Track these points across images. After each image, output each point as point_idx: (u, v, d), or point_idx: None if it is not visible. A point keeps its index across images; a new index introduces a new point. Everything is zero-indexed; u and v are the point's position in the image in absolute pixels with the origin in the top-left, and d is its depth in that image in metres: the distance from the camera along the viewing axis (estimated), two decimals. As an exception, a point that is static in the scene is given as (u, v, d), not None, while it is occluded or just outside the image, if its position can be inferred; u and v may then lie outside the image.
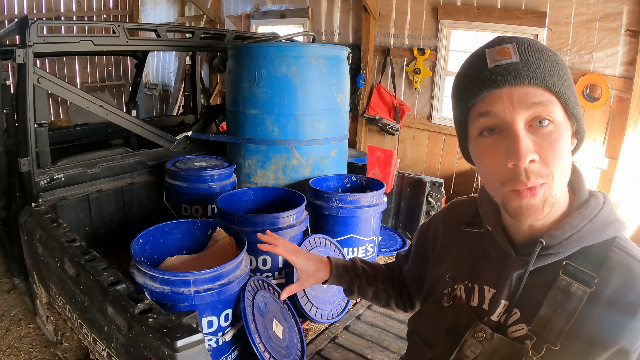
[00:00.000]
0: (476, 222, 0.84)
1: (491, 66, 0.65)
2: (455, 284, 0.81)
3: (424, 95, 4.51)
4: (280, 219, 2.02)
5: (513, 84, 0.63)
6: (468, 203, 0.92)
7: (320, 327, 2.08)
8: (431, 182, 2.87)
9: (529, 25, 3.63)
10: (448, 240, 0.90)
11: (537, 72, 0.63)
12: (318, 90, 2.51)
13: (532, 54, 0.64)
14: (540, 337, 0.67)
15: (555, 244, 0.68)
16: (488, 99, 0.66)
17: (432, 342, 0.81)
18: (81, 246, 1.66)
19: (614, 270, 0.66)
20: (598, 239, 0.68)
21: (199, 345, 1.14)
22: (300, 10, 5.29)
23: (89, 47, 2.37)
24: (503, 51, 0.65)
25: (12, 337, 2.35)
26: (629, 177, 3.31)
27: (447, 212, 0.95)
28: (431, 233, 0.96)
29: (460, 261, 0.83)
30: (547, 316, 0.67)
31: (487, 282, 0.77)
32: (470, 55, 0.71)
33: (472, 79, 0.68)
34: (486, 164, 0.68)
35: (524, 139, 0.63)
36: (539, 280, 0.71)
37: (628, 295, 0.64)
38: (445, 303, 0.81)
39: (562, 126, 0.65)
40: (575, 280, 0.67)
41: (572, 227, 0.68)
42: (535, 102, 0.63)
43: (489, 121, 0.66)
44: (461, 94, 0.71)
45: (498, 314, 0.73)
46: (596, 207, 0.70)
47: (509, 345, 0.70)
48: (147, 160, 2.71)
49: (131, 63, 7.47)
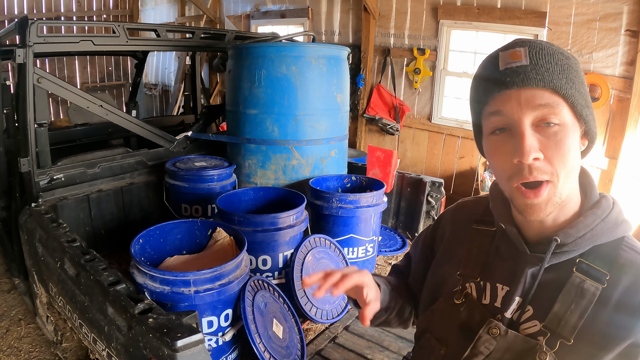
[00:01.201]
0: (487, 220, 0.86)
1: (502, 68, 0.69)
2: (467, 282, 0.82)
3: (424, 95, 4.51)
4: (280, 219, 2.02)
5: (521, 85, 0.67)
6: (476, 202, 0.94)
7: (320, 327, 2.08)
8: (431, 182, 2.87)
9: (529, 25, 3.62)
10: (456, 238, 0.91)
11: (545, 75, 0.66)
12: (318, 90, 2.51)
13: (542, 58, 0.68)
14: (554, 332, 0.69)
15: (570, 242, 0.71)
16: (498, 99, 0.69)
17: (444, 340, 0.82)
18: (81, 246, 1.66)
19: (624, 267, 0.69)
20: (609, 237, 0.71)
21: (199, 345, 1.14)
22: (300, 10, 5.29)
23: (89, 47, 2.37)
24: (515, 54, 0.69)
25: (12, 337, 2.35)
26: (629, 177, 3.31)
27: (455, 211, 0.96)
28: (439, 233, 0.97)
29: (471, 259, 0.84)
30: (561, 312, 0.69)
31: (500, 279, 0.78)
32: (487, 56, 0.75)
33: (485, 80, 0.72)
34: (496, 159, 0.72)
35: (529, 137, 0.66)
36: (552, 277, 0.73)
37: (639, 292, 0.67)
38: (457, 300, 0.82)
39: (569, 127, 0.68)
40: (589, 277, 0.70)
41: (585, 225, 0.71)
42: (541, 104, 0.66)
43: (499, 120, 0.70)
44: (475, 93, 0.75)
45: (512, 311, 0.75)
46: (607, 207, 0.73)
47: (523, 341, 0.71)
48: (147, 160, 2.71)
49: (131, 63, 7.46)
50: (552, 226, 0.74)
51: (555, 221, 0.74)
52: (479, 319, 0.77)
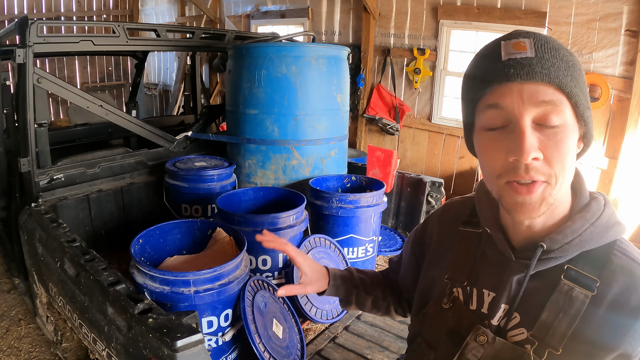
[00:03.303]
0: (473, 222, 0.83)
1: (505, 58, 0.63)
2: (454, 286, 0.80)
3: (424, 95, 4.51)
4: (280, 219, 2.02)
5: (525, 79, 0.62)
6: (463, 203, 0.90)
7: (320, 327, 2.08)
8: (431, 182, 2.87)
9: (529, 25, 3.62)
10: (444, 241, 0.88)
11: (551, 70, 0.62)
12: (318, 91, 2.51)
13: (548, 51, 0.63)
14: (542, 341, 0.67)
15: (557, 248, 0.67)
16: (498, 92, 0.64)
17: (434, 344, 0.81)
18: (81, 246, 1.66)
19: (615, 274, 0.66)
20: (599, 242, 0.68)
21: (199, 345, 1.14)
22: (300, 10, 5.29)
23: (89, 47, 2.37)
24: (519, 45, 0.63)
25: (12, 337, 2.35)
26: (629, 177, 3.30)
27: (442, 213, 0.94)
28: (427, 235, 0.95)
29: (459, 262, 0.82)
30: (548, 321, 0.67)
31: (486, 285, 0.76)
32: (485, 45, 0.70)
33: (484, 70, 0.66)
34: (488, 156, 0.68)
35: (530, 136, 0.62)
36: (540, 284, 0.70)
37: (630, 299, 0.64)
38: (445, 305, 0.80)
39: (569, 128, 0.64)
40: (578, 284, 0.66)
41: (573, 231, 0.67)
42: (545, 101, 0.62)
43: (497, 114, 0.65)
44: (472, 83, 0.69)
45: (498, 318, 0.73)
46: (597, 210, 0.70)
47: (511, 349, 0.69)
48: (147, 160, 2.71)
49: (131, 63, 7.46)
50: (541, 230, 0.71)
51: (544, 225, 0.70)
52: (467, 324, 0.75)
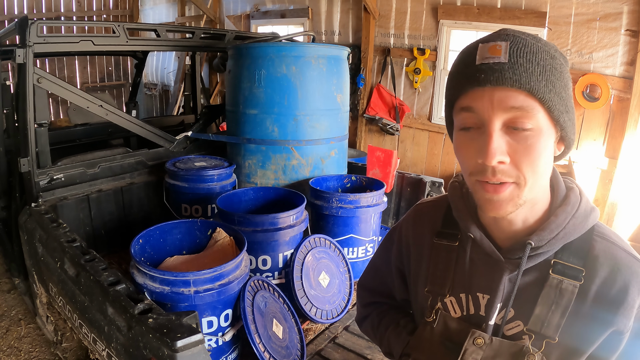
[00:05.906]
0: (448, 233, 0.83)
1: (478, 63, 0.65)
2: (437, 297, 0.81)
3: (424, 95, 4.51)
4: (280, 219, 2.02)
5: (495, 84, 0.62)
6: (435, 206, 0.90)
7: (320, 327, 2.08)
8: (431, 182, 2.87)
9: (529, 25, 3.62)
10: (421, 252, 0.88)
11: (522, 75, 0.62)
12: (318, 90, 2.51)
13: (522, 56, 0.63)
14: (539, 334, 0.70)
15: (544, 244, 0.70)
16: (471, 95, 0.66)
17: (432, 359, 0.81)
18: (81, 246, 1.66)
19: (599, 259, 0.69)
20: (581, 231, 0.71)
21: (199, 345, 1.14)
22: (300, 10, 5.29)
23: (89, 47, 2.37)
24: (494, 49, 0.64)
25: (12, 337, 2.35)
26: (629, 177, 3.31)
27: (415, 222, 0.92)
28: (404, 252, 0.93)
29: (437, 275, 0.82)
30: (542, 314, 0.70)
31: (480, 289, 0.77)
32: (466, 46, 0.71)
33: (460, 74, 0.68)
34: (462, 154, 0.70)
35: (496, 140, 0.63)
36: (530, 280, 0.73)
37: (616, 281, 0.67)
38: (428, 318, 0.81)
39: (542, 132, 0.64)
40: (566, 276, 0.70)
41: (558, 225, 0.70)
42: (515, 107, 0.63)
43: (469, 117, 0.67)
44: (449, 85, 0.72)
45: (495, 317, 0.75)
46: (576, 201, 0.72)
47: (509, 345, 0.72)
48: (147, 160, 2.71)
49: (131, 63, 7.46)
50: (523, 228, 0.73)
51: (525, 222, 0.72)
52: (456, 326, 0.77)
